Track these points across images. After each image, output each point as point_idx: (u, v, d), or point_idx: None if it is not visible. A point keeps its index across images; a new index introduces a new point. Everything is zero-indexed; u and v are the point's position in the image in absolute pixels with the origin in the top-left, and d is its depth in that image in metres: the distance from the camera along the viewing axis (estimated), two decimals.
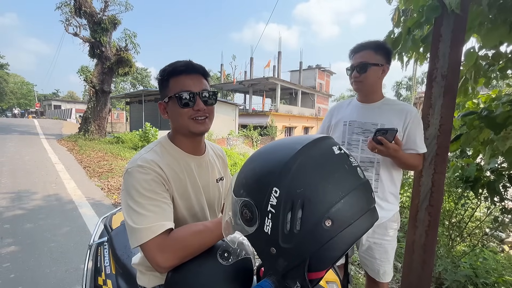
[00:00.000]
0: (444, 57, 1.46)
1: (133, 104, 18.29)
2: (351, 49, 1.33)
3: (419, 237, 1.59)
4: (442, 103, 1.48)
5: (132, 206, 0.69)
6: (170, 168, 0.79)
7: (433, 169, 1.52)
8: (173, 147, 0.85)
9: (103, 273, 1.10)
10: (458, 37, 1.43)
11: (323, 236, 0.36)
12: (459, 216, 2.62)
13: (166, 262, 0.64)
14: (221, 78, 32.04)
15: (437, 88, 1.49)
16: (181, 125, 0.81)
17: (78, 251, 2.47)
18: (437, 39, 1.48)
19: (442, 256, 2.33)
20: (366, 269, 1.41)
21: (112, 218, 1.40)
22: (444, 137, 1.50)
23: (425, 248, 1.58)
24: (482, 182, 2.06)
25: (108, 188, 4.63)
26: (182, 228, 0.70)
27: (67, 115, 28.87)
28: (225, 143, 15.83)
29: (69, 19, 11.49)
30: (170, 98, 0.80)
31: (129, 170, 0.74)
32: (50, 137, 11.47)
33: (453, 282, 2.06)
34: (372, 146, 1.17)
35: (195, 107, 0.79)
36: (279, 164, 0.40)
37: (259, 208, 0.40)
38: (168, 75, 0.81)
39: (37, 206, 3.63)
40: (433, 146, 1.52)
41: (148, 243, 0.65)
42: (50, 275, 2.13)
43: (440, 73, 1.48)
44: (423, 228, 1.58)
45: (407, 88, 37.34)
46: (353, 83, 1.33)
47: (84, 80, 12.52)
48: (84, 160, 6.91)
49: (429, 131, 1.53)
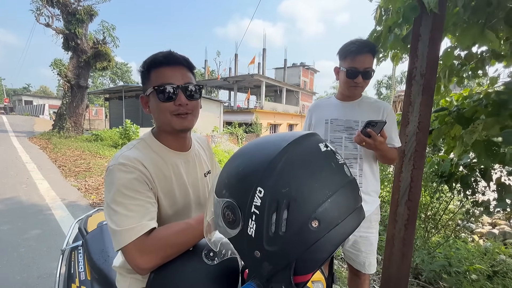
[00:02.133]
0: (423, 56, 1.51)
1: (113, 100, 17.55)
2: (348, 48, 1.26)
3: (398, 231, 1.65)
4: (421, 101, 1.53)
5: (113, 207, 0.65)
6: (154, 166, 0.74)
7: (412, 165, 1.57)
8: (158, 144, 0.80)
9: (77, 279, 1.03)
10: (436, 36, 1.48)
11: (309, 237, 0.34)
12: (434, 209, 2.76)
13: (147, 263, 0.61)
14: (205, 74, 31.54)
15: (416, 86, 1.54)
16: (163, 121, 0.77)
17: (52, 255, 2.33)
18: (416, 39, 1.52)
19: (419, 248, 2.44)
20: (351, 263, 1.44)
21: (87, 220, 1.32)
22: (422, 134, 1.55)
23: (404, 242, 1.64)
24: (456, 176, 2.17)
25: (86, 188, 4.40)
26: (163, 227, 0.67)
27: (40, 111, 27.21)
28: (210, 140, 15.63)
29: (40, 9, 10.74)
30: (151, 92, 0.74)
31: (110, 168, 0.70)
32: (21, 135, 10.74)
33: (429, 272, 2.17)
34: (359, 139, 1.19)
35: (177, 101, 0.74)
36: (264, 162, 0.38)
37: (242, 210, 0.38)
38: (149, 66, 0.75)
39: (6, 209, 3.37)
40: (412, 143, 1.57)
41: (128, 246, 0.61)
42: (21, 281, 1.99)
43: (419, 72, 1.53)
44: (403, 222, 1.64)
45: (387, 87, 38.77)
46: (352, 87, 1.28)
47: (58, 74, 11.78)
48: (58, 159, 6.53)
49: (408, 128, 1.58)
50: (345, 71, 1.27)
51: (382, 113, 1.33)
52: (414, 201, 1.62)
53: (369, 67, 1.24)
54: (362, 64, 1.23)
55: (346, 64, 1.26)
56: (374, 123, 1.14)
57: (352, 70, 1.24)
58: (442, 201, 2.72)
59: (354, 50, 1.24)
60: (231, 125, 19.84)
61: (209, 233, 0.48)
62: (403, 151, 1.57)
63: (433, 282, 2.18)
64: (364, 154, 1.32)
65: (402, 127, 1.60)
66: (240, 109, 24.21)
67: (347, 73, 1.26)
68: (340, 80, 1.34)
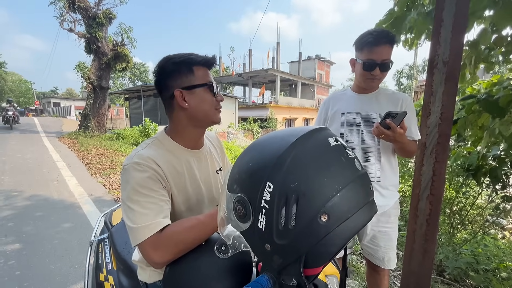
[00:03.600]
0: (446, 43, 1.42)
1: (132, 99, 18.18)
2: (365, 39, 1.19)
3: (420, 226, 1.59)
4: (444, 90, 1.45)
5: (129, 204, 0.69)
6: (168, 164, 0.77)
7: (434, 158, 1.50)
8: (171, 142, 0.83)
9: (104, 269, 1.11)
10: (460, 21, 1.39)
11: (319, 231, 0.34)
12: (460, 204, 2.62)
13: (160, 258, 0.64)
14: (220, 71, 31.73)
15: (438, 75, 1.45)
16: (206, 114, 0.81)
17: (82, 247, 2.50)
18: (438, 24, 1.43)
19: (443, 244, 2.34)
20: (369, 258, 1.42)
21: (112, 214, 1.40)
22: (445, 125, 1.47)
23: (426, 237, 1.57)
24: (484, 170, 2.04)
25: (110, 184, 4.65)
26: (175, 223, 0.69)
27: (67, 112, 28.79)
28: (226, 136, 15.81)
29: (63, 15, 11.28)
30: (196, 86, 0.78)
31: (125, 167, 0.73)
32: (51, 135, 11.46)
33: (454, 269, 2.07)
34: (378, 131, 1.15)
35: (218, 98, 0.82)
36: (273, 157, 0.38)
37: (252, 204, 0.38)
38: (193, 63, 0.79)
39: (40, 204, 3.65)
40: (434, 135, 1.49)
41: (143, 242, 0.65)
42: (54, 271, 2.16)
43: (442, 59, 1.44)
44: (424, 217, 1.57)
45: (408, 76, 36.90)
46: (368, 79, 1.23)
47: (82, 77, 12.41)
48: (85, 157, 6.92)
49: (430, 119, 1.50)
50: (361, 63, 1.21)
51: (401, 105, 1.27)
52: (436, 196, 1.54)
53: (387, 59, 1.19)
54: (380, 55, 1.17)
55: (363, 55, 1.21)
56: (393, 114, 1.10)
57: (369, 62, 1.19)
58: (468, 196, 2.58)
59: (372, 41, 1.17)
60: (246, 120, 19.91)
61: (222, 227, 0.50)
62: (424, 144, 1.50)
63: (459, 279, 2.09)
64: (382, 147, 1.28)
65: (423, 118, 1.52)
66: (255, 104, 24.18)
67: (364, 66, 1.20)
68: (356, 72, 1.29)
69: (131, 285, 0.93)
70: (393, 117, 1.10)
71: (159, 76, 0.81)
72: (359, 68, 1.24)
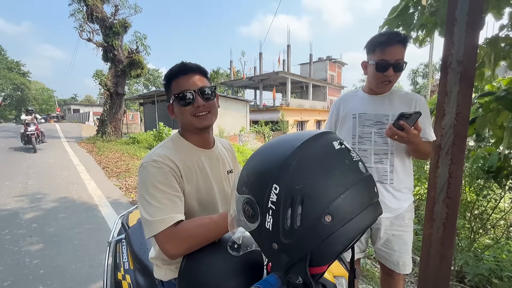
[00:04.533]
0: (460, 42, 1.38)
1: (147, 105, 18.72)
2: (378, 40, 1.18)
3: (436, 230, 1.54)
4: (458, 90, 1.41)
5: (147, 198, 0.74)
6: (182, 162, 0.83)
7: (450, 160, 1.45)
8: (184, 142, 0.90)
9: (122, 268, 1.16)
10: (474, 20, 1.35)
11: (323, 231, 0.36)
12: (481, 208, 2.51)
13: (174, 250, 0.70)
14: (231, 75, 32.08)
15: (453, 74, 1.42)
16: (186, 122, 0.87)
17: (100, 247, 2.60)
18: (451, 23, 1.40)
19: (463, 250, 2.25)
20: (383, 262, 1.39)
21: (128, 216, 1.46)
22: (461, 126, 1.43)
23: (443, 242, 1.52)
24: (505, 171, 1.95)
25: (126, 187, 4.80)
26: (189, 220, 0.74)
27: (86, 118, 30.07)
28: (237, 139, 15.92)
29: (82, 25, 11.87)
30: (173, 100, 0.86)
31: (144, 164, 0.80)
32: (71, 140, 12.01)
33: (476, 275, 1.98)
34: (391, 133, 1.13)
35: (195, 104, 0.84)
36: (279, 161, 0.40)
37: (260, 205, 0.40)
38: (168, 78, 0.87)
39: (62, 206, 3.83)
40: (449, 136, 1.45)
41: (159, 234, 0.71)
42: (75, 270, 2.26)
43: (456, 58, 1.40)
44: (441, 221, 1.52)
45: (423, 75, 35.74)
46: (382, 82, 1.21)
47: (99, 84, 12.94)
48: (102, 161, 7.19)
49: (445, 120, 1.46)
50: (374, 64, 1.19)
51: (415, 106, 1.25)
52: (453, 199, 1.49)
53: (400, 59, 1.17)
54: (393, 55, 1.16)
55: (376, 57, 1.19)
56: (407, 115, 1.09)
57: (382, 62, 1.17)
58: (490, 199, 2.46)
59: (384, 41, 1.16)
60: (257, 123, 19.97)
61: (232, 227, 0.52)
62: (439, 145, 1.46)
63: (481, 286, 1.99)
64: (395, 149, 1.26)
65: (437, 119, 1.48)
66: (266, 107, 24.22)
67: (376, 66, 1.18)
68: (369, 75, 1.26)
69: (147, 283, 0.97)
70: (407, 118, 1.09)
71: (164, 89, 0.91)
72: (371, 70, 1.22)
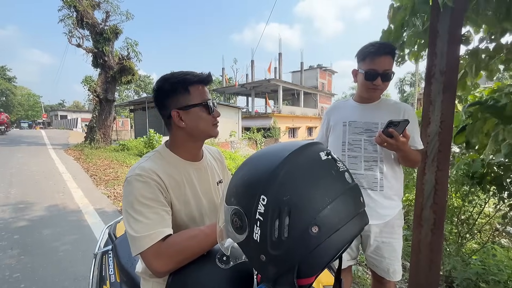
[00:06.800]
0: (442, 54, 1.45)
1: (137, 111, 18.51)
2: (367, 50, 1.24)
3: (425, 236, 1.57)
4: (442, 99, 1.47)
5: (131, 214, 0.71)
6: (168, 176, 0.80)
7: (436, 167, 1.50)
8: (171, 155, 0.87)
9: (108, 281, 1.12)
10: (455, 32, 1.42)
11: (310, 242, 0.36)
12: (467, 213, 2.57)
13: (162, 267, 0.66)
14: (223, 82, 32.22)
15: (436, 84, 1.48)
16: (203, 130, 0.86)
17: (86, 259, 2.50)
18: (434, 36, 1.47)
19: (451, 254, 2.29)
20: (374, 269, 1.40)
21: (116, 226, 1.41)
22: (445, 133, 1.48)
23: (432, 247, 1.56)
24: (489, 177, 2.02)
25: (114, 196, 4.68)
26: (178, 234, 0.71)
27: (73, 124, 29.35)
28: (229, 146, 15.87)
29: (72, 31, 11.70)
30: (193, 106, 0.82)
31: (128, 179, 0.76)
32: (57, 147, 11.66)
33: (464, 280, 2.02)
34: (381, 140, 1.16)
35: (215, 114, 0.86)
36: (266, 172, 0.40)
37: (248, 216, 0.40)
38: (188, 83, 0.82)
39: (46, 216, 3.69)
40: (435, 143, 1.50)
41: (146, 251, 0.67)
42: (59, 284, 2.16)
43: (439, 69, 1.47)
44: (429, 226, 1.56)
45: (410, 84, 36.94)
46: (370, 89, 1.26)
47: (88, 90, 12.72)
48: (90, 169, 7.00)
49: (430, 128, 1.51)
50: (363, 73, 1.24)
51: (403, 115, 1.29)
52: (440, 204, 1.54)
53: (388, 69, 1.22)
54: (382, 65, 1.20)
55: (365, 66, 1.24)
56: (396, 122, 1.12)
57: (371, 72, 1.22)
58: (475, 204, 2.54)
59: (373, 51, 1.21)
60: (249, 130, 20.02)
61: (221, 238, 0.52)
62: (425, 152, 1.51)
63: None
64: (385, 156, 1.29)
65: (423, 127, 1.53)
66: (258, 114, 24.39)
67: (365, 75, 1.23)
68: (359, 83, 1.32)
69: None
70: (396, 126, 1.12)
71: (157, 96, 0.85)
72: (361, 78, 1.28)
